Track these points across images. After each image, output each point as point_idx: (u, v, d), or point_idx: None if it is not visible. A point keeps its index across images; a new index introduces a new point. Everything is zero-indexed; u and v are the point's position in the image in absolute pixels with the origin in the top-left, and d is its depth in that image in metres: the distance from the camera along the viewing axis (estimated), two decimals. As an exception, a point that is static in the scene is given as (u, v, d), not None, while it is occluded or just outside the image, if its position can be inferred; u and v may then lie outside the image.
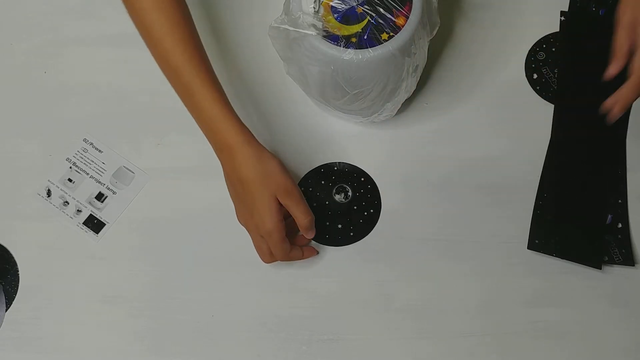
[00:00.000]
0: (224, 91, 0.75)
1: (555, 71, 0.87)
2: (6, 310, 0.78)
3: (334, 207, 0.82)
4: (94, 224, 0.82)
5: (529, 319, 0.77)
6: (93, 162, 0.84)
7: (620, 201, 0.81)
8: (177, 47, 0.72)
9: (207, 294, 0.79)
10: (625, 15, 0.73)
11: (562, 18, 0.89)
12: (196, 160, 0.84)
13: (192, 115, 0.75)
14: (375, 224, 0.81)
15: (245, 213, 0.75)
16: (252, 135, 0.74)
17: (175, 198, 0.83)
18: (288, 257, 0.76)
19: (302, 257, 0.77)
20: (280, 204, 0.73)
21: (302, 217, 0.74)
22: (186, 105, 0.75)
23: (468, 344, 0.77)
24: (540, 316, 0.77)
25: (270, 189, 0.72)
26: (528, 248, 0.80)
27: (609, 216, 0.81)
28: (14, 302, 0.79)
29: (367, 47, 0.70)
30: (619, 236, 0.80)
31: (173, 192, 0.83)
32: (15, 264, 0.80)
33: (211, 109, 0.72)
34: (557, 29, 0.89)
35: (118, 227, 0.82)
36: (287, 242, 0.74)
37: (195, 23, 0.75)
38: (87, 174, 0.84)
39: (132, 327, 0.78)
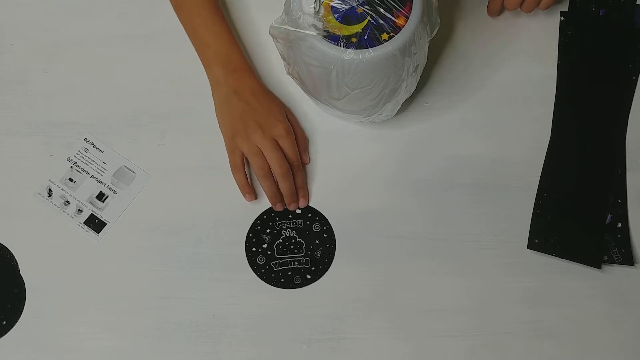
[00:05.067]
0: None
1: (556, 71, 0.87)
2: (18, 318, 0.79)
3: None
4: (95, 224, 0.82)
5: (529, 319, 0.78)
6: (94, 161, 0.84)
7: (620, 201, 0.81)
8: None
9: (207, 294, 0.79)
10: None
11: (562, 18, 0.89)
12: (197, 160, 0.84)
13: (201, 46, 0.83)
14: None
15: (252, 124, 0.79)
16: None
17: (176, 198, 0.83)
18: (287, 172, 0.80)
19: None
20: None
21: (303, 134, 0.84)
22: (200, 37, 0.84)
23: (468, 344, 0.77)
24: (540, 316, 0.78)
25: (281, 102, 0.84)
26: (528, 248, 0.80)
27: (609, 216, 0.81)
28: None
29: (368, 47, 0.70)
30: (619, 236, 0.80)
31: (174, 192, 0.83)
32: (16, 264, 0.80)
33: (229, 37, 0.83)
34: (557, 29, 0.89)
35: (119, 227, 0.82)
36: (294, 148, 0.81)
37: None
38: (88, 173, 0.84)
39: (132, 327, 0.78)
